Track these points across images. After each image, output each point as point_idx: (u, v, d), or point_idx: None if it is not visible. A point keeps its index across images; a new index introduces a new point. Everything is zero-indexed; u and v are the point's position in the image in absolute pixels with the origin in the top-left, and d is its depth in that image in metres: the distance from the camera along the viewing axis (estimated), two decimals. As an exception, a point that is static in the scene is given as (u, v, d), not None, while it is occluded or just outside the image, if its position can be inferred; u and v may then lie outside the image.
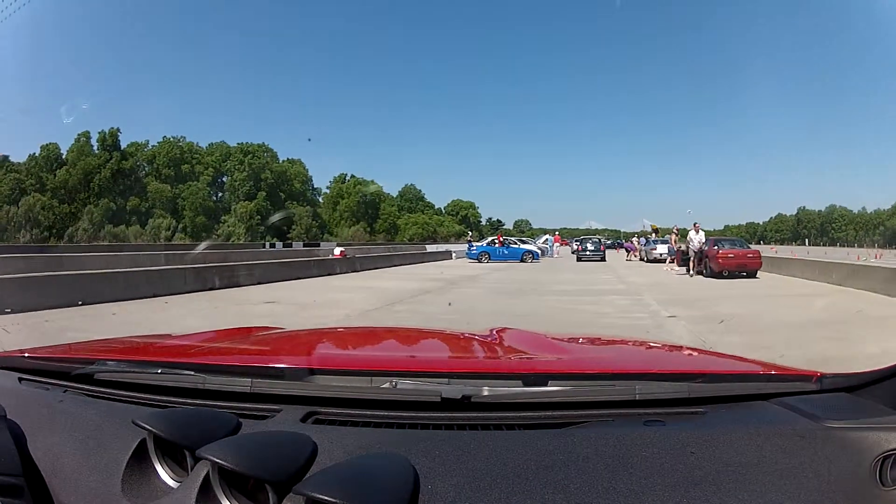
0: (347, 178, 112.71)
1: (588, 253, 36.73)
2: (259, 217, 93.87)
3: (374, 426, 1.17)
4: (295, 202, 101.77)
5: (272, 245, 56.76)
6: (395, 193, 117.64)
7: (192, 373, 1.41)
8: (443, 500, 0.92)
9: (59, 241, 71.45)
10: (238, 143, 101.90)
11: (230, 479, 0.95)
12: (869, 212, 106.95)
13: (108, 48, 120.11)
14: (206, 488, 0.95)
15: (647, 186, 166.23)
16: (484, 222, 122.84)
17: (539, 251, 37.17)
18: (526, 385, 1.27)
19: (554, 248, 44.24)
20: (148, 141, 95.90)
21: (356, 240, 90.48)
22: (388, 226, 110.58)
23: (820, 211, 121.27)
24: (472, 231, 46.31)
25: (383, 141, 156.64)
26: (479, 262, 33.38)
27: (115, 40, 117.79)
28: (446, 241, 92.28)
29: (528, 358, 1.84)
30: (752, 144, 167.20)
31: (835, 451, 1.06)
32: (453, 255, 41.51)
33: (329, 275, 22.52)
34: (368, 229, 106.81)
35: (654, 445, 1.05)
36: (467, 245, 39.78)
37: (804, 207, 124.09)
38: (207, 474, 0.95)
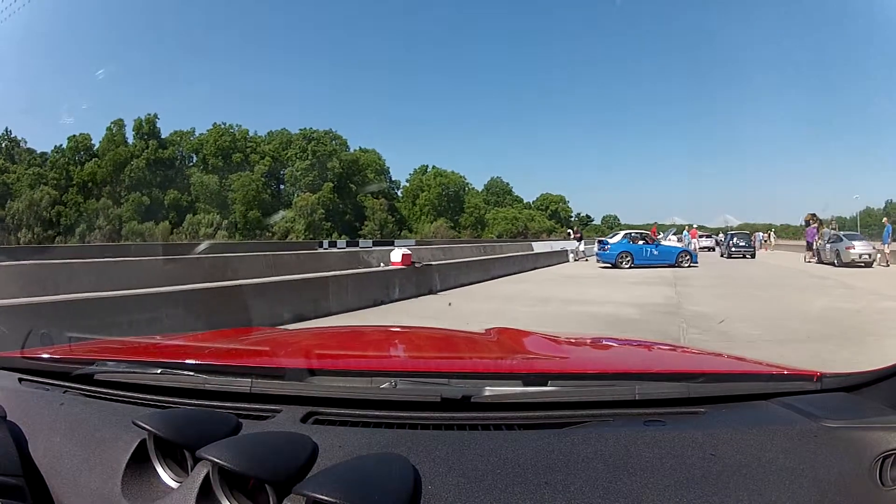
0: (429, 169, 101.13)
1: (740, 249, 33.01)
2: (323, 211, 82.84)
3: (375, 426, 1.17)
4: (368, 195, 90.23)
5: (332, 244, 46.86)
6: (480, 187, 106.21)
7: (192, 373, 1.41)
8: (443, 500, 0.93)
9: (66, 240, 64.67)
10: (301, 129, 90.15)
11: (230, 480, 0.96)
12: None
13: (161, 31, 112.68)
14: (206, 489, 0.95)
15: (728, 182, 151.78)
16: (573, 217, 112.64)
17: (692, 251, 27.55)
18: (526, 385, 1.28)
19: (692, 243, 35.16)
20: (194, 129, 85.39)
21: (438, 236, 79.52)
22: (475, 221, 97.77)
23: (879, 208, 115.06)
24: (573, 228, 37.15)
25: (467, 135, 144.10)
26: (617, 266, 24.38)
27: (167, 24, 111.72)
28: (537, 237, 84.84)
29: (528, 358, 1.85)
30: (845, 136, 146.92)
31: (835, 451, 1.07)
32: (570, 256, 32.16)
33: (374, 305, 12.02)
34: (452, 225, 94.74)
35: (654, 445, 1.06)
36: (597, 244, 29.85)
37: (891, 201, 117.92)
38: (207, 475, 0.96)
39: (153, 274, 13.81)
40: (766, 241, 44.68)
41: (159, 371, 1.47)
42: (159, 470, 1.07)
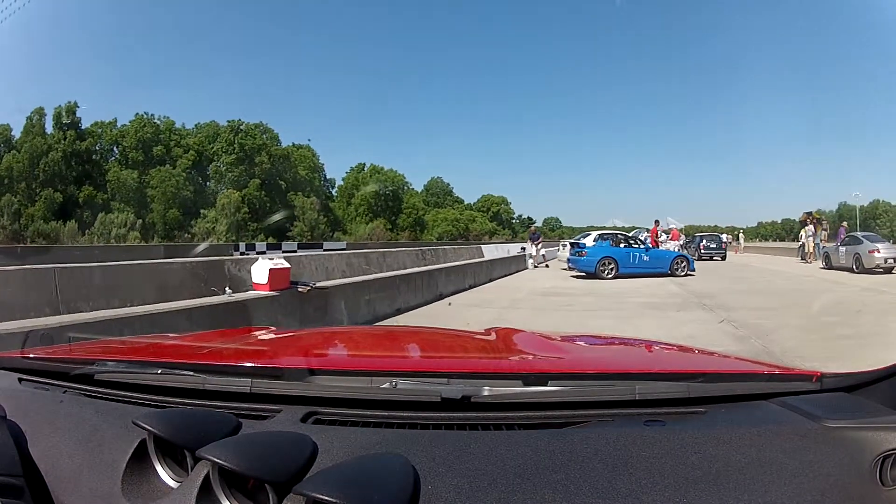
0: (366, 167, 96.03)
1: (710, 251, 32.93)
2: (248, 211, 74.60)
3: (375, 426, 1.17)
4: (299, 193, 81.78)
5: (249, 247, 36.26)
6: (419, 188, 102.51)
7: (192, 373, 1.41)
8: (443, 500, 0.93)
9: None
10: (228, 121, 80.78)
11: (230, 480, 0.96)
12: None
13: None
14: (206, 488, 0.96)
15: (667, 183, 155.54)
16: (515, 219, 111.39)
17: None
18: (526, 385, 1.28)
19: (669, 245, 30.17)
20: (116, 119, 76.06)
21: (374, 238, 74.18)
22: (413, 222, 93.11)
23: (863, 206, 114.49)
24: (532, 228, 31.91)
25: (408, 135, 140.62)
26: (598, 275, 19.72)
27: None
28: (479, 238, 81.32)
29: (528, 358, 1.86)
30: (786, 139, 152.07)
31: (835, 451, 1.07)
32: (529, 262, 27.12)
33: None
34: (390, 226, 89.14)
35: (654, 445, 1.06)
36: (567, 247, 25.05)
37: (845, 203, 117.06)
38: (207, 474, 0.96)
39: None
40: (731, 242, 43.02)
41: (159, 371, 1.46)
42: (159, 470, 1.07)
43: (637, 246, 21.37)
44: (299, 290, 8.92)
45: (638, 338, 2.47)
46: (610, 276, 19.64)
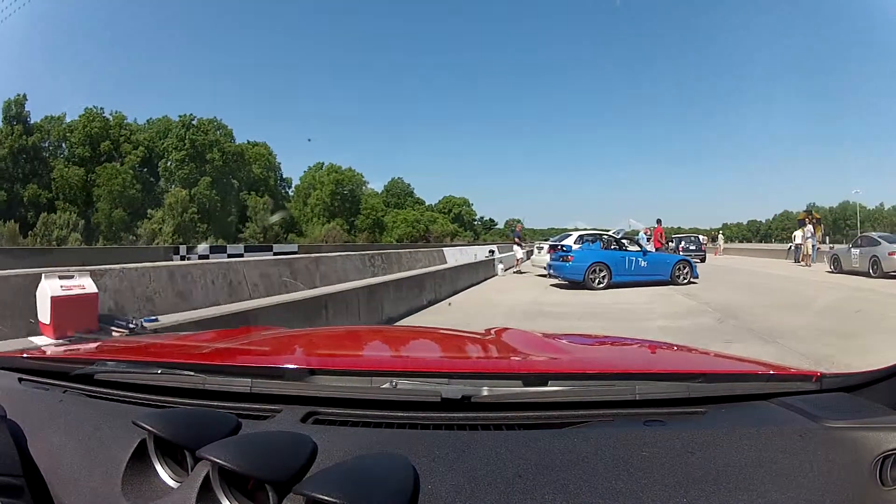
0: (324, 166, 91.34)
1: (690, 253, 29.10)
2: (196, 210, 69.55)
3: (374, 426, 1.17)
4: (253, 192, 77.43)
5: (190, 250, 33.16)
6: (380, 189, 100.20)
7: (192, 373, 1.41)
8: (443, 499, 0.93)
9: None
10: (180, 116, 75.70)
11: (230, 480, 0.96)
12: (887, 208, 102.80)
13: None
14: (206, 488, 0.96)
15: (632, 184, 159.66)
16: (476, 221, 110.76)
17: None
18: (526, 385, 1.28)
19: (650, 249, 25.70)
20: (65, 114, 70.74)
21: (330, 240, 69.37)
22: (372, 223, 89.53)
23: (832, 207, 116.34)
24: (515, 230, 27.14)
25: (369, 136, 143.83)
26: (587, 285, 16.46)
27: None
28: (440, 240, 79.06)
29: (528, 358, 1.84)
30: (750, 141, 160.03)
31: (835, 451, 1.07)
32: (498, 267, 23.61)
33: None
34: (347, 227, 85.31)
35: (654, 445, 1.06)
36: (544, 250, 21.82)
37: (814, 204, 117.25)
38: (208, 474, 0.96)
39: None
40: (707, 244, 40.77)
41: (159, 371, 1.47)
42: (159, 470, 1.07)
43: (631, 249, 18.20)
44: (113, 332, 4.91)
45: (638, 338, 2.39)
46: (601, 285, 16.36)
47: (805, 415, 1.19)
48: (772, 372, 1.51)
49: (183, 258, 28.95)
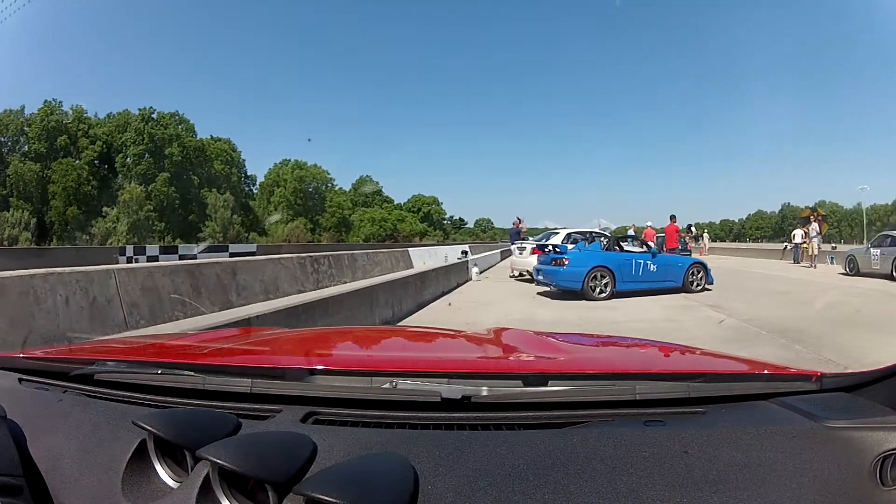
0: (290, 162, 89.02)
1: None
2: (152, 208, 66.52)
3: (374, 426, 1.17)
4: (214, 189, 73.54)
5: (138, 251, 29.58)
6: (348, 187, 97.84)
7: (192, 373, 1.41)
8: (443, 500, 0.93)
9: None
10: (140, 109, 72.49)
11: (230, 480, 0.96)
12: (865, 207, 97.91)
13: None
14: (206, 489, 0.96)
15: (602, 185, 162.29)
16: (446, 220, 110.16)
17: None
18: (526, 385, 1.28)
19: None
20: (24, 106, 67.43)
21: (293, 240, 67.05)
22: (338, 221, 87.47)
23: (807, 206, 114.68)
24: (517, 225, 22.39)
25: (337, 133, 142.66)
26: (586, 295, 13.38)
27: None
28: (409, 240, 76.55)
29: (528, 358, 1.83)
30: (726, 142, 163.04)
31: (835, 451, 1.07)
32: (473, 270, 19.98)
33: None
34: (311, 226, 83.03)
35: (654, 445, 1.07)
36: (526, 251, 18.72)
37: (789, 203, 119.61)
38: (207, 475, 0.96)
39: None
40: (691, 243, 37.13)
41: (159, 371, 1.47)
42: (159, 470, 1.07)
43: (634, 250, 15.06)
44: None
45: (638, 337, 2.41)
46: (603, 295, 13.27)
47: (805, 415, 1.19)
48: (772, 372, 1.50)
49: (129, 260, 26.13)
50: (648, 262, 14.13)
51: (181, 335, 2.35)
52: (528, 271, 17.67)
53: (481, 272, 20.47)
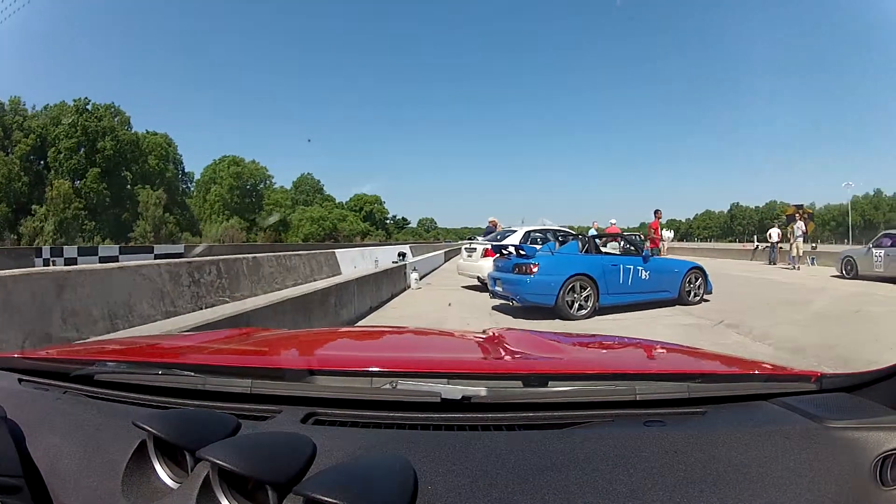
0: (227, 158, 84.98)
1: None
2: (81, 206, 61.83)
3: (374, 427, 1.17)
4: (147, 186, 69.14)
5: (55, 252, 27.33)
6: (289, 186, 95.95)
7: (192, 374, 1.41)
8: (443, 500, 0.93)
9: None
10: (74, 100, 67.31)
11: (230, 480, 0.96)
12: (818, 207, 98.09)
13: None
14: (206, 489, 0.96)
15: (545, 185, 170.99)
16: (389, 219, 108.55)
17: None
18: (526, 385, 1.28)
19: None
20: None
21: (228, 240, 63.03)
22: (276, 220, 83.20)
23: (758, 207, 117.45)
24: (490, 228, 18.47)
25: (279, 131, 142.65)
26: (560, 313, 9.86)
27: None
28: (350, 240, 75.09)
29: (528, 358, 1.83)
30: (672, 143, 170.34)
31: (835, 451, 1.08)
32: (412, 276, 16.77)
33: None
34: (248, 225, 78.77)
35: (655, 445, 1.07)
36: (474, 253, 15.55)
37: (738, 203, 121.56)
38: (207, 475, 0.96)
39: None
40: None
41: (159, 371, 1.47)
42: (159, 470, 1.07)
43: (623, 252, 11.94)
44: None
45: (638, 338, 2.41)
46: (584, 312, 9.99)
47: (805, 415, 1.19)
48: (772, 372, 1.51)
49: (46, 262, 24.04)
50: (640, 269, 10.96)
51: (181, 335, 2.32)
52: (478, 277, 14.58)
53: (422, 278, 17.50)
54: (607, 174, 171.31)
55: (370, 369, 1.41)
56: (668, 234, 22.41)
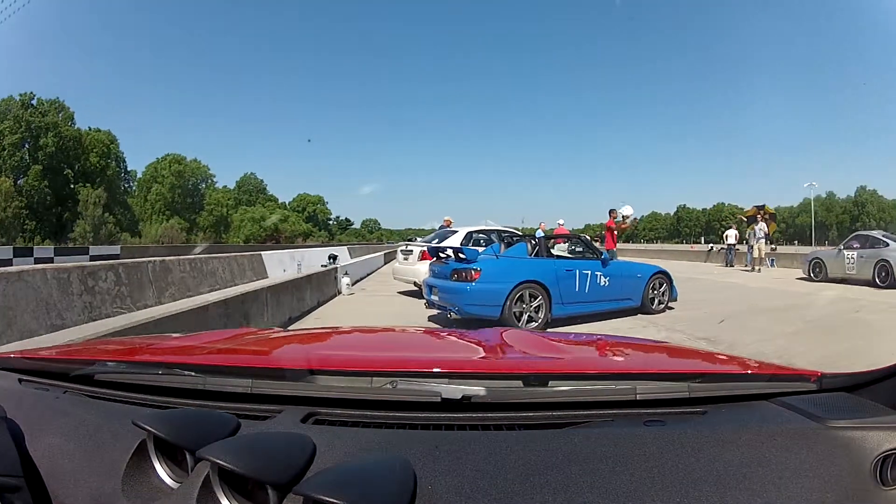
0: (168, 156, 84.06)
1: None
2: (22, 204, 60.05)
3: (374, 427, 1.17)
4: (89, 184, 67.87)
5: None
6: (232, 185, 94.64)
7: (193, 373, 1.41)
8: (443, 500, 0.93)
9: None
10: (20, 95, 65.61)
11: (230, 480, 0.96)
12: (771, 208, 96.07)
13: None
14: (206, 489, 0.96)
15: (488, 186, 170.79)
16: (332, 220, 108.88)
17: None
18: (526, 385, 1.29)
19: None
20: None
21: (167, 241, 63.35)
22: (216, 220, 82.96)
23: (705, 208, 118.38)
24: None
25: (222, 129, 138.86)
26: (505, 321, 8.29)
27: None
28: (291, 241, 74.36)
29: (528, 358, 1.83)
30: (618, 145, 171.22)
31: (835, 451, 1.08)
32: (343, 281, 15.32)
33: None
34: (188, 225, 79.03)
35: (655, 445, 1.07)
36: (410, 256, 14.24)
37: (685, 205, 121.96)
38: (207, 475, 0.96)
39: None
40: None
41: (159, 371, 1.46)
42: (159, 470, 1.07)
43: (579, 255, 10.34)
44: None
45: (638, 337, 2.38)
46: (535, 325, 8.60)
47: (805, 415, 1.19)
48: (772, 372, 1.51)
49: None
50: (598, 274, 9.58)
51: (181, 335, 2.24)
52: (415, 282, 13.22)
53: (355, 283, 16.33)
54: (552, 176, 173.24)
55: (370, 369, 1.40)
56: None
